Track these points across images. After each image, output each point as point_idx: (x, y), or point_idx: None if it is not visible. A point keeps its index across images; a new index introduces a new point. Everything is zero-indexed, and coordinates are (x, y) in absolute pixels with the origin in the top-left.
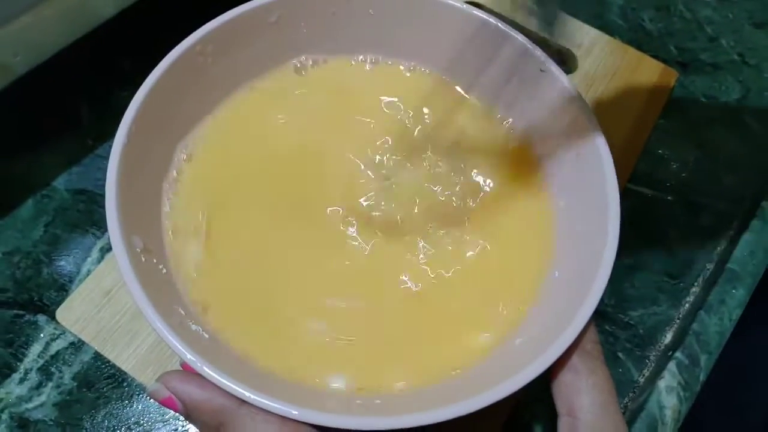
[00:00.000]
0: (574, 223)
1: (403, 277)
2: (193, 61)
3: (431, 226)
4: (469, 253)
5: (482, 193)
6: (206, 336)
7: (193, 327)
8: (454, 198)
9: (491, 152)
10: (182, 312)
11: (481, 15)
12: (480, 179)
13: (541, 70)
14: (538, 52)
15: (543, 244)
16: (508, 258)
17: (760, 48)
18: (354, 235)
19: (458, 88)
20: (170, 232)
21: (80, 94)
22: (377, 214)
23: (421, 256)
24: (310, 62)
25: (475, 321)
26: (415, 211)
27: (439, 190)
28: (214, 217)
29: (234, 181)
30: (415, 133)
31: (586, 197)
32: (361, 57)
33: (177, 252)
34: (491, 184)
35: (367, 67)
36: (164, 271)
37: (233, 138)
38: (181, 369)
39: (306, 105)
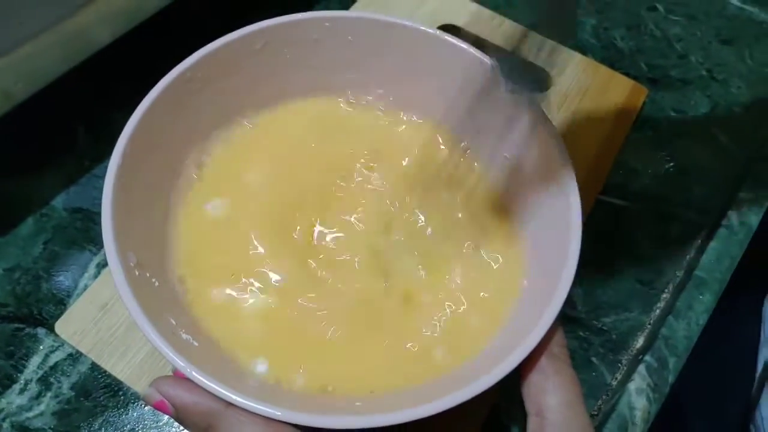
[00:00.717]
0: (540, 235)
1: (384, 284)
2: (183, 87)
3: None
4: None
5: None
6: (196, 344)
7: (184, 336)
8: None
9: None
10: (173, 322)
11: (452, 41)
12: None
13: (511, 92)
14: (505, 72)
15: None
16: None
17: (727, 64)
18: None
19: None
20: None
21: (78, 118)
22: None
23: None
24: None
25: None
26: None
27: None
28: (211, 230)
29: (229, 201)
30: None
31: (551, 216)
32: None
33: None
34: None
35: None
36: (156, 284)
37: (229, 160)
38: (173, 375)
39: (292, 134)
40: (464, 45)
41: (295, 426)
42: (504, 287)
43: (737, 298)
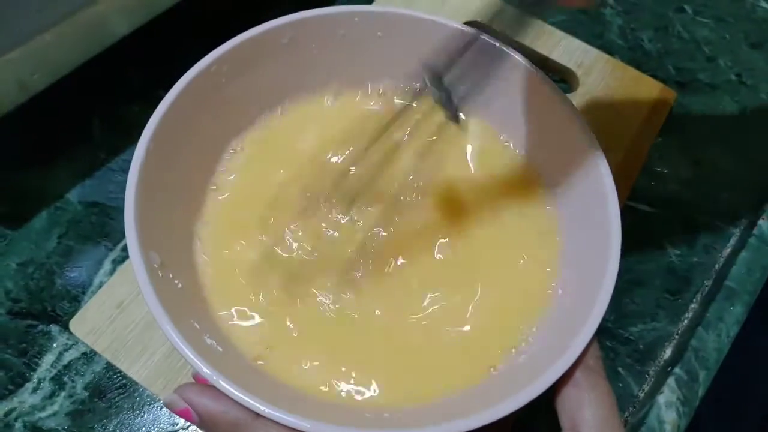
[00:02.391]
0: (578, 244)
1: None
2: (208, 81)
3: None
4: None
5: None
6: (220, 350)
7: (208, 341)
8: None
9: (496, 177)
10: (197, 326)
11: (483, 37)
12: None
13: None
14: (540, 73)
15: (548, 264)
16: (516, 276)
17: (756, 68)
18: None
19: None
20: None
21: (93, 110)
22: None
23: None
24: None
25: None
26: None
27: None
28: (240, 230)
29: (259, 200)
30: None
31: (588, 219)
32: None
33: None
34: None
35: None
36: (180, 286)
37: (258, 158)
38: (194, 381)
39: (328, 127)
40: (495, 42)
41: None
42: (535, 293)
43: (758, 300)
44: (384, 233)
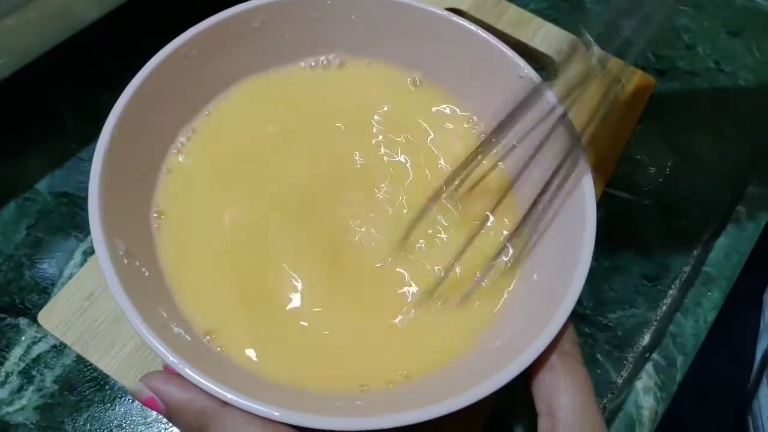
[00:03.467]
0: (552, 231)
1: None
2: (178, 64)
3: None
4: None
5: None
6: (188, 338)
7: (176, 330)
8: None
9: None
10: (165, 314)
11: (459, 21)
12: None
13: (520, 77)
14: (518, 59)
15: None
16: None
17: (735, 56)
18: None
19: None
20: (157, 233)
21: (64, 98)
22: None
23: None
24: (301, 65)
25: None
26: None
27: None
28: (203, 217)
29: (223, 184)
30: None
31: (564, 205)
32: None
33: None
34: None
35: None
36: (147, 273)
37: (222, 141)
38: (163, 370)
39: (295, 111)
40: (472, 26)
41: (294, 426)
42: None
43: (735, 288)
44: (338, 224)
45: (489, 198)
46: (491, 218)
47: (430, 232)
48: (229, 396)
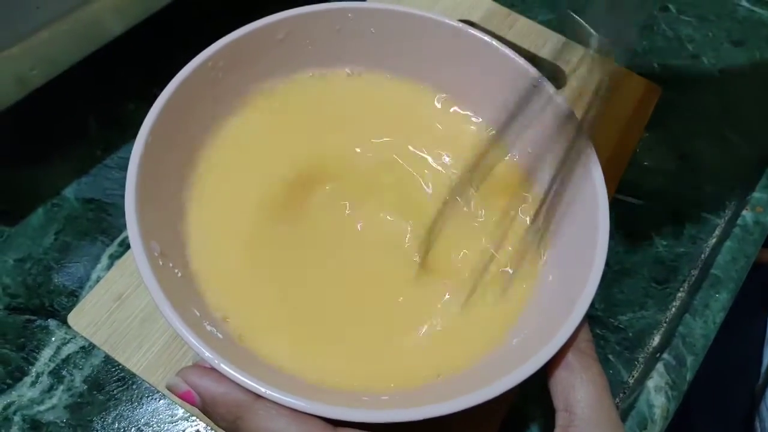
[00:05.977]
0: (567, 233)
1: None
2: (205, 75)
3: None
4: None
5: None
6: (220, 336)
7: (208, 328)
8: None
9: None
10: (197, 313)
11: (474, 33)
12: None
13: (534, 86)
14: (531, 69)
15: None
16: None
17: (738, 65)
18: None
19: (457, 109)
20: (188, 236)
21: (89, 107)
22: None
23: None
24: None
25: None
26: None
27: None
28: (231, 221)
29: (251, 190)
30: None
31: (578, 208)
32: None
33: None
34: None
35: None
36: (179, 274)
37: (246, 148)
38: (198, 365)
39: (318, 118)
40: (487, 38)
41: (322, 418)
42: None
43: (744, 292)
44: (362, 223)
45: (506, 199)
46: (514, 219)
47: (453, 238)
48: (262, 389)
